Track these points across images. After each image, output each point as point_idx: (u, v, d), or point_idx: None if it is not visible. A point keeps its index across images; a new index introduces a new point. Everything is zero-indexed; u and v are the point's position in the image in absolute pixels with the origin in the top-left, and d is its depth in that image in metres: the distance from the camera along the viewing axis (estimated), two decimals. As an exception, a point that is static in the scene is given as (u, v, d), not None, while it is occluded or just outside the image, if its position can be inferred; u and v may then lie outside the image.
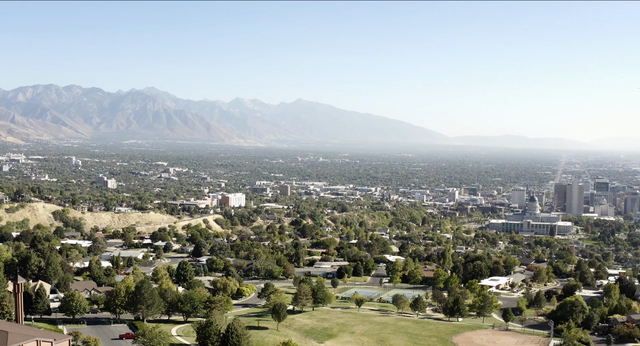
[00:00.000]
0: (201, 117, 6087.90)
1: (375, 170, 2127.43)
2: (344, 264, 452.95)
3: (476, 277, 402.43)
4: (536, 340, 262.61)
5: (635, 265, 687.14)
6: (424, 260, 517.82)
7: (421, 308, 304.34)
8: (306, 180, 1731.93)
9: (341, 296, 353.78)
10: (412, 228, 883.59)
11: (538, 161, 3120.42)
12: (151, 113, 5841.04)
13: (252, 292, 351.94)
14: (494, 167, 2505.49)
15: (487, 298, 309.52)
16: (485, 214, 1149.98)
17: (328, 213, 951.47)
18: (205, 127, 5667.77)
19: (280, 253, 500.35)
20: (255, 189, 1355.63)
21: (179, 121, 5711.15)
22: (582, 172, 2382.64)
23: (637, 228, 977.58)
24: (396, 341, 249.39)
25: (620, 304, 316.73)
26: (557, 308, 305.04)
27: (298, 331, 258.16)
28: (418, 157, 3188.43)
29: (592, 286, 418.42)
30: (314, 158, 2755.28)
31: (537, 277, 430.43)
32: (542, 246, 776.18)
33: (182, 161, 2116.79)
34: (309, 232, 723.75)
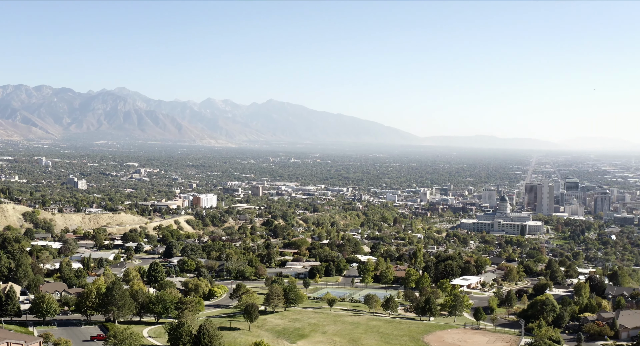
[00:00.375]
0: (172, 117, 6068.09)
1: (347, 171, 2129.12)
2: (316, 264, 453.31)
3: (447, 277, 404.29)
4: (507, 338, 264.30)
5: (605, 264, 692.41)
6: (396, 259, 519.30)
7: (393, 307, 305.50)
8: (278, 180, 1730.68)
9: (313, 296, 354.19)
10: (383, 228, 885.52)
11: (509, 161, 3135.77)
12: (122, 114, 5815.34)
13: (223, 293, 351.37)
14: (465, 167, 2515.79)
15: (459, 297, 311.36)
16: (456, 214, 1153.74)
17: (300, 213, 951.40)
18: (176, 128, 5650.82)
19: (252, 253, 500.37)
20: (227, 190, 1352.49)
21: (150, 121, 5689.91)
22: (552, 172, 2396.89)
23: (606, 228, 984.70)
24: (368, 340, 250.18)
25: (590, 302, 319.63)
26: (528, 307, 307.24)
27: (270, 332, 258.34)
28: (389, 157, 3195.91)
29: (563, 285, 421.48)
30: (285, 159, 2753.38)
31: (508, 276, 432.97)
32: (512, 245, 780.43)
33: (153, 162, 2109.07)
34: (280, 232, 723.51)
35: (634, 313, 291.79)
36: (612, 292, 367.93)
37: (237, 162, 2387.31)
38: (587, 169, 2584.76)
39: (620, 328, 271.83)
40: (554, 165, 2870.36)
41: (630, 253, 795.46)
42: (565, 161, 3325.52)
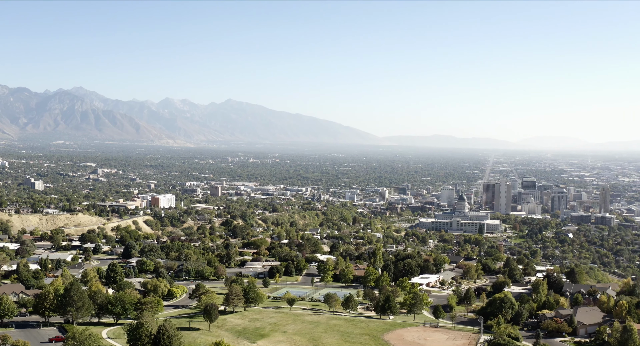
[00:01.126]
0: (130, 117, 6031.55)
1: (306, 170, 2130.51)
2: (276, 264, 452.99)
3: (407, 275, 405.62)
4: (466, 336, 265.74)
5: (563, 261, 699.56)
6: (355, 259, 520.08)
7: (352, 306, 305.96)
8: (237, 180, 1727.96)
9: (273, 296, 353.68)
10: (343, 228, 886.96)
11: (467, 161, 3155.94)
12: (79, 114, 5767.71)
13: (183, 293, 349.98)
14: (423, 167, 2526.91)
15: (418, 295, 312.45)
16: (415, 213, 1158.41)
17: (259, 213, 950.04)
18: (134, 128, 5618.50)
19: (211, 253, 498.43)
20: (186, 190, 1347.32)
21: (108, 121, 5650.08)
22: (509, 171, 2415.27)
23: (563, 226, 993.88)
24: (328, 339, 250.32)
25: (548, 300, 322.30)
26: (487, 305, 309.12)
27: (230, 332, 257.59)
28: (348, 157, 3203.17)
29: (521, 282, 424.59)
30: (244, 159, 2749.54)
31: (466, 274, 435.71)
32: (471, 244, 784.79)
33: (111, 162, 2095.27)
34: (239, 232, 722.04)
35: (591, 309, 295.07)
36: (569, 289, 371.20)
37: (196, 162, 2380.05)
38: (544, 168, 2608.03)
39: (578, 324, 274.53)
40: (512, 165, 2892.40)
41: (587, 251, 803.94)
42: (522, 160, 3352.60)
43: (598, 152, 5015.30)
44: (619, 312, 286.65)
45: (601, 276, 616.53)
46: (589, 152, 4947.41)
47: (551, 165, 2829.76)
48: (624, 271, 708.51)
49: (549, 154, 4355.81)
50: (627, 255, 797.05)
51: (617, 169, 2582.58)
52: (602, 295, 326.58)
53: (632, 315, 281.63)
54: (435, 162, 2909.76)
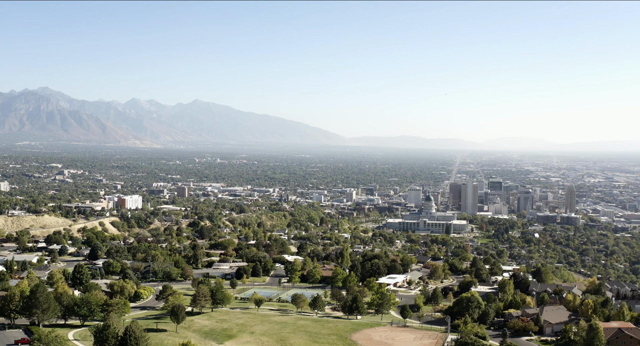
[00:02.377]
0: (96, 117, 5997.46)
1: (273, 171, 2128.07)
2: (243, 265, 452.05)
3: (374, 275, 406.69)
4: (434, 335, 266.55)
5: (529, 261, 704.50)
6: (323, 259, 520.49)
7: (320, 307, 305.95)
8: (204, 181, 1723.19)
9: (240, 296, 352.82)
10: (310, 229, 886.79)
11: (434, 161, 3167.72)
12: (45, 114, 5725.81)
13: (150, 294, 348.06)
14: (390, 167, 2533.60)
15: (385, 295, 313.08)
16: (382, 214, 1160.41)
17: (226, 214, 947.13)
18: (100, 128, 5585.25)
19: (178, 255, 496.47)
20: (152, 191, 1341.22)
21: (74, 122, 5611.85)
22: (476, 171, 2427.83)
23: (529, 226, 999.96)
24: (296, 340, 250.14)
25: (514, 299, 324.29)
26: (454, 304, 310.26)
27: (197, 333, 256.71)
28: (316, 158, 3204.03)
29: (488, 282, 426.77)
30: (211, 160, 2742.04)
31: (433, 274, 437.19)
32: (438, 244, 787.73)
33: (77, 163, 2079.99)
34: (207, 233, 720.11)
35: (557, 308, 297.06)
36: (535, 289, 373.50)
37: (163, 163, 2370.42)
38: (510, 169, 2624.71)
39: (544, 323, 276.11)
40: (478, 165, 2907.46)
41: (553, 250, 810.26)
42: (488, 161, 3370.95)
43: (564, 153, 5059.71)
44: (585, 311, 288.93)
45: (567, 275, 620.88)
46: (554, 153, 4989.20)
47: (517, 166, 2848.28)
48: (589, 270, 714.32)
49: (515, 155, 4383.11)
50: (593, 255, 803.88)
51: (583, 170, 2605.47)
52: (568, 294, 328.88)
53: (598, 314, 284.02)
54: (402, 163, 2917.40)
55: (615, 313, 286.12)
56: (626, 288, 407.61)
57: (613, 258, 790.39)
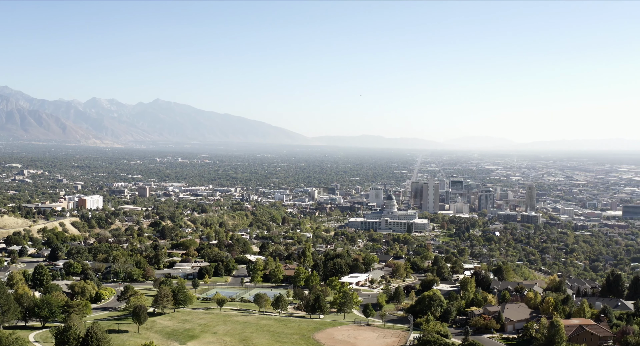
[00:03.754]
0: (56, 117, 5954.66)
1: (235, 171, 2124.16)
2: (205, 265, 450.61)
3: (336, 274, 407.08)
4: (396, 333, 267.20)
5: (490, 259, 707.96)
6: (285, 259, 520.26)
7: (283, 306, 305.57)
8: (165, 181, 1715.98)
9: (202, 297, 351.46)
10: (272, 228, 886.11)
11: (395, 160, 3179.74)
12: (4, 114, 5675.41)
13: (111, 295, 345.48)
14: (352, 167, 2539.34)
15: (348, 294, 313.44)
16: (344, 213, 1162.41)
17: (188, 214, 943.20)
18: (60, 128, 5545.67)
19: (140, 255, 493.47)
20: (113, 191, 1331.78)
21: (34, 121, 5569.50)
22: (437, 170, 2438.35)
23: (490, 225, 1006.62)
24: (259, 339, 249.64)
25: (476, 297, 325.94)
26: (416, 303, 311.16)
27: (159, 334, 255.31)
28: (277, 157, 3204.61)
29: (449, 280, 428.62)
30: (172, 159, 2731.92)
31: (395, 273, 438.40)
32: (400, 243, 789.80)
33: (37, 163, 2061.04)
34: (168, 233, 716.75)
35: (518, 306, 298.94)
36: (497, 286, 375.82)
37: (124, 163, 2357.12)
38: (471, 168, 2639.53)
39: (506, 321, 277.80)
40: (439, 164, 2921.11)
41: (514, 248, 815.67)
42: (450, 160, 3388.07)
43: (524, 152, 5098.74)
44: (546, 308, 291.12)
45: (528, 273, 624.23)
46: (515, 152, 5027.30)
47: (478, 165, 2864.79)
48: (550, 268, 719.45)
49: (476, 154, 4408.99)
50: (553, 253, 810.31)
51: (543, 168, 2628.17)
52: (529, 292, 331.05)
53: (559, 311, 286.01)
54: (364, 162, 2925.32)
55: (576, 310, 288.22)
56: (586, 286, 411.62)
57: (573, 256, 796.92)
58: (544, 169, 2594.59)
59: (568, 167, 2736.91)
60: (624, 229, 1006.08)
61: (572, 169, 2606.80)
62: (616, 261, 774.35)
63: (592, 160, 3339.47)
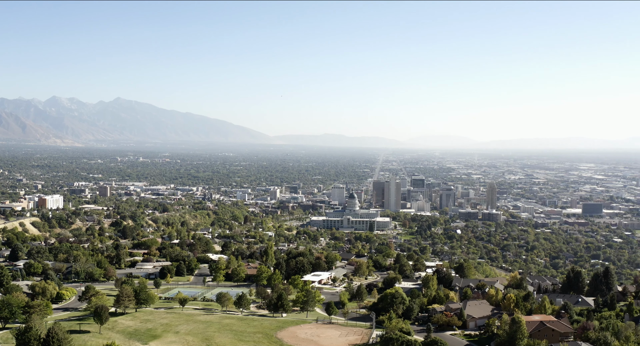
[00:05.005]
0: (16, 116, 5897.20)
1: (197, 170, 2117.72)
2: (167, 264, 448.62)
3: (299, 273, 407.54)
4: (359, 331, 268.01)
5: (452, 257, 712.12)
6: (247, 257, 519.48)
7: (245, 305, 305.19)
8: (126, 180, 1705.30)
9: (164, 296, 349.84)
10: (234, 227, 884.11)
11: (357, 159, 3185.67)
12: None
13: (72, 296, 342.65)
14: (314, 166, 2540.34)
15: (310, 293, 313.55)
16: (306, 212, 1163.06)
17: (149, 213, 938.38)
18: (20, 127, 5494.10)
19: (101, 255, 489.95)
20: (74, 190, 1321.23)
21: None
22: (399, 169, 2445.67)
23: (452, 223, 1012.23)
24: (221, 339, 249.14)
25: (438, 294, 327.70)
26: (378, 300, 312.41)
27: (121, 334, 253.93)
28: (239, 156, 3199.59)
29: (411, 278, 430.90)
30: (134, 158, 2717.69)
31: (358, 271, 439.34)
32: (362, 241, 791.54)
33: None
34: (130, 233, 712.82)
35: (480, 303, 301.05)
36: (459, 284, 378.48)
37: (84, 162, 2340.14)
38: (432, 166, 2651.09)
39: (467, 318, 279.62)
40: (401, 163, 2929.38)
41: (475, 246, 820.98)
42: (411, 159, 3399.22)
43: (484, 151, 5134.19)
44: (507, 305, 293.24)
45: (489, 270, 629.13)
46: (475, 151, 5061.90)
47: (439, 164, 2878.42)
48: (510, 265, 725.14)
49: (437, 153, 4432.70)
50: (514, 250, 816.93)
51: (504, 167, 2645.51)
52: (491, 289, 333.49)
53: (520, 307, 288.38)
54: (326, 161, 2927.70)
55: (537, 306, 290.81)
56: (547, 282, 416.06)
57: (534, 253, 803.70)
58: (505, 167, 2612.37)
59: (528, 166, 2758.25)
60: (583, 226, 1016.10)
61: (533, 167, 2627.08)
62: (576, 258, 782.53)
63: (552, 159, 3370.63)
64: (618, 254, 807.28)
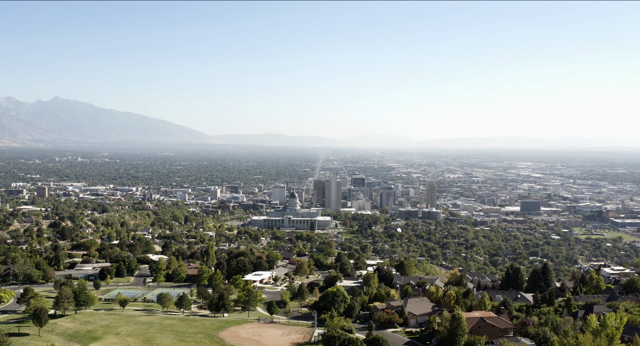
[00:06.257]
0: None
1: (136, 170, 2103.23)
2: (106, 265, 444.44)
3: (240, 273, 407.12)
4: (301, 330, 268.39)
5: (392, 255, 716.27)
6: (188, 258, 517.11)
7: (186, 305, 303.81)
8: (65, 181, 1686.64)
9: (104, 297, 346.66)
10: (174, 227, 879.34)
11: (297, 159, 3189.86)
12: None
13: (10, 298, 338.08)
14: (254, 165, 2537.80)
15: (252, 292, 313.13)
16: (247, 211, 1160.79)
17: (88, 214, 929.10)
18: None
19: (40, 256, 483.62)
20: (11, 191, 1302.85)
21: None
22: (339, 168, 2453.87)
23: (392, 221, 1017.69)
24: (163, 340, 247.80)
25: (379, 292, 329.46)
26: (320, 299, 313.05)
27: (61, 336, 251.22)
28: (179, 156, 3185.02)
29: (352, 276, 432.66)
30: (72, 159, 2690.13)
31: (299, 270, 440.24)
32: (303, 240, 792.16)
33: None
34: (68, 234, 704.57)
35: (421, 300, 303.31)
36: (399, 282, 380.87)
37: (22, 162, 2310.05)
38: (373, 165, 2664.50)
39: (408, 315, 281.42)
40: (341, 162, 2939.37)
41: (415, 244, 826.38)
42: (352, 158, 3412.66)
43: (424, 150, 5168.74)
44: (448, 302, 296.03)
45: (429, 268, 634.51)
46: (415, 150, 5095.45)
47: (379, 163, 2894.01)
48: (450, 263, 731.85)
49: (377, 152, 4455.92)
50: (453, 248, 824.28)
51: (443, 166, 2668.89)
52: (431, 286, 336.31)
53: (460, 304, 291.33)
54: (266, 160, 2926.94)
55: (476, 303, 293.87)
56: (486, 279, 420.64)
57: (473, 251, 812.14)
58: (444, 166, 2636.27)
59: (467, 164, 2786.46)
60: (522, 224, 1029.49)
61: (472, 166, 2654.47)
62: (515, 255, 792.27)
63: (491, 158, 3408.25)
64: (556, 251, 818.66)
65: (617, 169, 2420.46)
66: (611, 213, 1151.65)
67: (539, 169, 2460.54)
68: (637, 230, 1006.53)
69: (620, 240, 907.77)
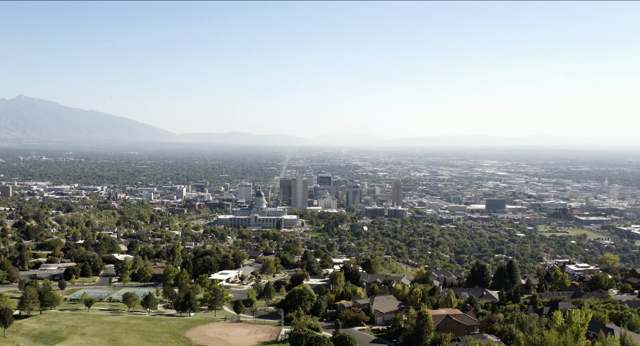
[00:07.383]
0: None
1: (101, 169, 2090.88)
2: (72, 265, 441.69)
3: (206, 272, 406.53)
4: (268, 329, 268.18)
5: (359, 253, 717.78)
6: (154, 257, 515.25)
7: (152, 305, 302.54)
8: (29, 180, 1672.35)
9: (70, 298, 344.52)
10: (140, 227, 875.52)
11: (264, 157, 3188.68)
12: None
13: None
14: (220, 164, 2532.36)
15: (218, 291, 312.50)
16: (213, 210, 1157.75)
17: (53, 213, 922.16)
18: None
19: (4, 256, 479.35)
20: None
21: None
22: (306, 167, 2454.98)
23: (358, 220, 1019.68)
24: (129, 339, 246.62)
25: (346, 290, 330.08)
26: (287, 298, 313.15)
27: (26, 337, 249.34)
28: (145, 155, 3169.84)
29: (319, 275, 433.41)
30: (36, 158, 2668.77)
31: (265, 269, 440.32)
32: (269, 239, 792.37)
33: None
34: (33, 233, 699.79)
35: (387, 298, 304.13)
36: (366, 280, 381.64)
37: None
38: (339, 164, 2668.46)
39: (375, 313, 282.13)
40: (308, 161, 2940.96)
41: (382, 242, 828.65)
42: (318, 156, 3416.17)
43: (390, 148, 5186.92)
44: (414, 299, 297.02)
45: (395, 266, 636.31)
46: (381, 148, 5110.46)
47: (346, 161, 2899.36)
48: (416, 261, 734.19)
49: (343, 150, 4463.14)
50: (420, 246, 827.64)
51: (409, 164, 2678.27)
52: (397, 284, 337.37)
53: (426, 302, 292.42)
54: (232, 159, 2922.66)
55: (443, 300, 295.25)
56: (452, 277, 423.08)
57: (439, 249, 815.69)
58: (410, 165, 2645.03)
59: (433, 163, 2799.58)
60: (487, 222, 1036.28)
61: (437, 164, 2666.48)
62: (480, 252, 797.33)
63: (456, 156, 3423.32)
64: (521, 248, 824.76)
65: (581, 167, 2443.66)
66: (575, 210, 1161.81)
67: (504, 167, 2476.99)
68: (601, 228, 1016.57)
69: (584, 238, 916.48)
